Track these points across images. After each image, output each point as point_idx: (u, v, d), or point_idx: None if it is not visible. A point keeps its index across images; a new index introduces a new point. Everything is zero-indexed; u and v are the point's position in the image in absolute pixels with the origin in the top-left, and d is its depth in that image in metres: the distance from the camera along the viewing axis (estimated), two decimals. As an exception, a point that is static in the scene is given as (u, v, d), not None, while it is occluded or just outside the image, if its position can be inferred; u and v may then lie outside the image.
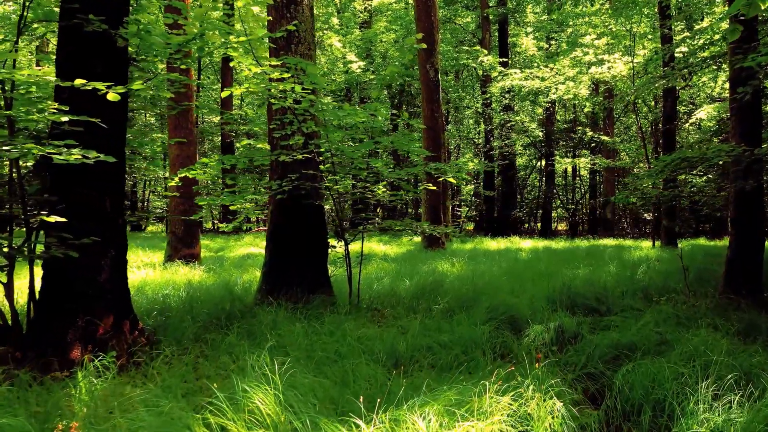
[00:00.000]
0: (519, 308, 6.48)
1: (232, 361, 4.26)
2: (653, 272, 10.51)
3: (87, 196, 4.79)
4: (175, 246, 11.17)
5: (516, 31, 31.47)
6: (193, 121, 11.25)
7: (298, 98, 6.31)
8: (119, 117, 4.93)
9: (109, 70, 4.89)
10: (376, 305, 7.60)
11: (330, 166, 6.85)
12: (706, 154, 6.34)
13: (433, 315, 6.42)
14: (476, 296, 7.14)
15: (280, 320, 5.26)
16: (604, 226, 26.58)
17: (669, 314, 6.09)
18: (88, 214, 4.81)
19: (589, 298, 7.13)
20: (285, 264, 7.03)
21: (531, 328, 5.75)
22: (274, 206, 7.22)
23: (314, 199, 7.08)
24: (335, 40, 24.16)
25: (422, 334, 5.04)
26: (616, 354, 4.54)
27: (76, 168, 4.51)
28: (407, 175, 6.56)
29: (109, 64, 4.90)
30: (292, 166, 7.01)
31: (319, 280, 7.10)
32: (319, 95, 7.54)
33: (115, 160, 3.83)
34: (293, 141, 6.80)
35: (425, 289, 7.81)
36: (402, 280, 9.06)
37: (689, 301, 7.82)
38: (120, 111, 4.91)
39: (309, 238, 7.11)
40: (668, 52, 14.79)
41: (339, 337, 4.63)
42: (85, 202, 4.79)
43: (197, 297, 6.98)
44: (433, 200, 16.07)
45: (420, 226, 6.88)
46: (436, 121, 16.37)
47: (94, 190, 4.84)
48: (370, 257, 13.12)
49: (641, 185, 10.66)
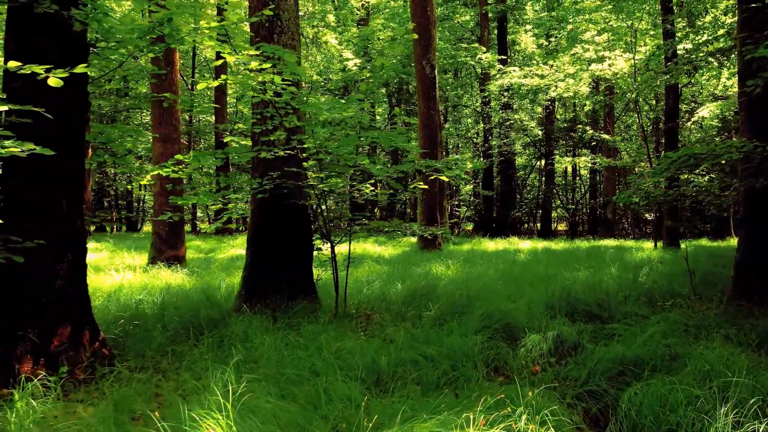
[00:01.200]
0: (515, 315, 6.04)
1: (193, 378, 3.83)
2: (656, 275, 10.10)
3: (38, 195, 4.36)
4: (159, 248, 10.73)
5: (515, 28, 31.04)
6: (179, 118, 10.83)
7: (278, 90, 5.89)
8: (71, 107, 4.49)
9: (66, 57, 4.46)
10: (365, 310, 7.18)
11: (314, 163, 6.42)
12: (715, 150, 5.91)
13: (423, 323, 5.99)
14: (470, 302, 6.71)
15: (254, 330, 4.83)
16: (605, 227, 26.13)
17: (676, 322, 5.66)
18: (39, 213, 4.38)
19: (590, 303, 6.70)
20: (266, 267, 6.60)
21: (528, 337, 5.32)
22: (255, 206, 6.79)
23: (298, 199, 6.65)
24: (331, 37, 23.69)
25: (408, 346, 4.60)
26: (620, 370, 4.11)
27: (25, 164, 4.09)
28: (396, 172, 6.13)
29: (66, 51, 4.47)
30: (274, 163, 6.58)
31: (302, 284, 6.67)
32: (303, 87, 7.12)
33: (53, 153, 3.40)
34: (274, 137, 6.37)
35: (416, 294, 7.38)
36: (393, 283, 8.64)
37: (696, 307, 7.40)
38: (74, 100, 4.48)
39: (292, 239, 6.68)
40: (671, 47, 14.36)
41: (314, 351, 4.20)
42: (37, 200, 4.36)
43: (172, 303, 6.55)
44: (429, 200, 15.63)
45: (409, 227, 6.45)
46: (433, 118, 15.94)
47: (48, 188, 4.41)
48: (363, 259, 12.70)
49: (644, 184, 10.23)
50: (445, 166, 6.23)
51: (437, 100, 16.25)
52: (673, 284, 9.05)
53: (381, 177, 6.22)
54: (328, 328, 5.03)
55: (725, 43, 10.82)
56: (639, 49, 19.56)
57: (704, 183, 14.44)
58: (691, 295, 8.37)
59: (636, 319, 6.15)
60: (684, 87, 19.51)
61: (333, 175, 6.36)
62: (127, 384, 4.02)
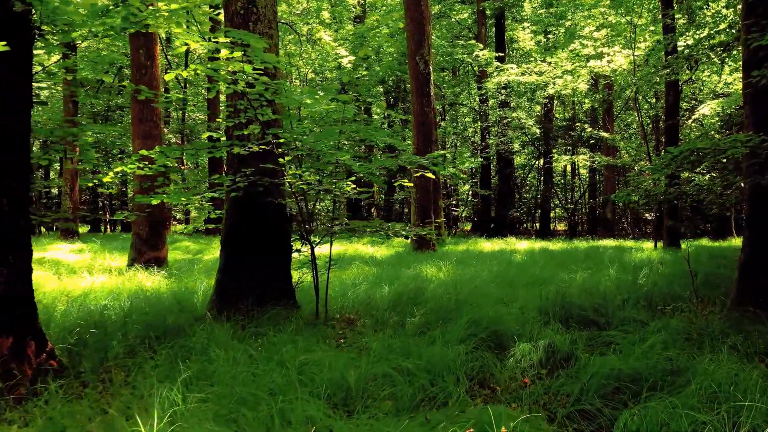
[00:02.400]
0: (505, 321, 5.63)
1: (137, 396, 3.42)
2: (656, 276, 9.70)
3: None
4: (139, 249, 10.31)
5: (513, 26, 30.62)
6: (160, 115, 10.41)
7: (251, 81, 5.48)
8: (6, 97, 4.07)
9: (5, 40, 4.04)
10: (348, 315, 6.78)
11: (292, 158, 6.01)
12: (719, 145, 5.50)
13: (406, 330, 5.59)
14: (458, 307, 6.31)
15: (217, 340, 4.42)
16: (604, 227, 25.70)
17: (677, 330, 5.25)
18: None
19: (586, 308, 6.29)
20: (240, 270, 6.19)
21: (517, 346, 4.91)
22: (229, 205, 6.39)
23: (274, 197, 6.25)
24: (325, 34, 23.29)
25: (384, 358, 4.19)
26: (616, 386, 3.70)
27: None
28: (377, 169, 5.72)
29: (4, 33, 4.05)
30: (249, 159, 6.18)
31: (279, 287, 6.26)
32: (281, 79, 6.71)
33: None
34: (248, 131, 5.97)
35: (403, 298, 6.97)
36: (381, 286, 8.23)
37: (698, 311, 7.00)
38: (10, 90, 4.07)
39: (268, 240, 6.27)
40: (671, 42, 13.94)
41: (275, 365, 3.79)
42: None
43: (140, 308, 6.14)
44: (422, 199, 15.23)
45: (392, 228, 6.04)
46: (427, 115, 15.53)
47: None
48: (353, 260, 12.29)
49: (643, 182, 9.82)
50: (431, 163, 5.82)
51: (432, 97, 15.83)
52: (673, 286, 8.65)
53: (362, 173, 5.80)
54: (298, 337, 4.62)
55: (727, 37, 10.41)
56: (638, 45, 19.14)
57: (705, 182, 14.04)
58: (693, 298, 7.96)
59: (634, 325, 5.74)
60: (684, 83, 19.07)
61: (311, 172, 5.95)
62: (70, 402, 3.61)
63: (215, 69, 5.33)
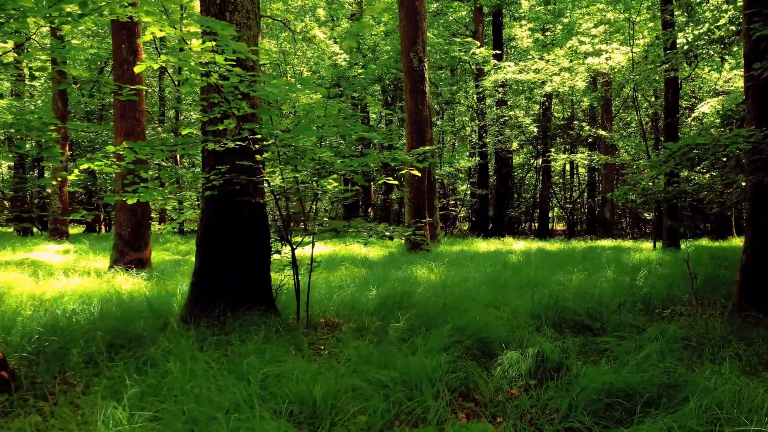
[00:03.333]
0: (494, 327, 5.32)
1: (79, 415, 3.11)
2: (655, 278, 9.39)
3: None
4: (122, 250, 9.98)
5: (511, 24, 30.32)
6: (143, 111, 10.09)
7: (224, 73, 5.17)
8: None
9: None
10: (332, 319, 6.48)
11: (269, 155, 5.70)
12: (721, 141, 5.20)
13: (389, 336, 5.27)
14: (446, 311, 6.00)
15: (181, 349, 4.10)
16: (603, 226, 25.37)
17: (676, 337, 4.94)
18: None
19: (580, 313, 5.98)
20: (215, 273, 5.88)
21: (504, 355, 4.60)
22: (204, 204, 6.07)
23: (252, 196, 5.93)
24: (319, 32, 22.96)
25: (359, 369, 3.88)
26: (608, 402, 3.38)
27: None
28: (359, 166, 5.41)
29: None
30: (225, 156, 5.87)
31: (256, 291, 5.94)
32: (259, 71, 6.40)
33: None
34: (223, 126, 5.66)
35: (389, 302, 6.66)
36: (369, 288, 7.92)
37: (698, 315, 6.69)
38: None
39: (246, 241, 5.96)
40: (670, 37, 13.63)
41: (236, 378, 3.47)
42: None
43: (111, 313, 5.83)
44: (417, 198, 14.91)
45: (373, 228, 5.73)
46: (421, 113, 15.20)
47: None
48: (343, 261, 11.97)
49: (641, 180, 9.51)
50: (417, 159, 5.50)
51: (427, 95, 15.51)
52: (672, 288, 8.35)
53: (342, 170, 5.49)
54: (268, 345, 4.30)
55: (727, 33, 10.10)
56: (637, 42, 18.82)
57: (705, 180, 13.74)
58: (693, 301, 7.66)
59: (630, 331, 5.43)
60: (684, 81, 18.77)
61: (290, 169, 5.63)
62: (11, 419, 3.30)
63: (185, 60, 5.02)
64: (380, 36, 28.71)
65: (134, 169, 5.60)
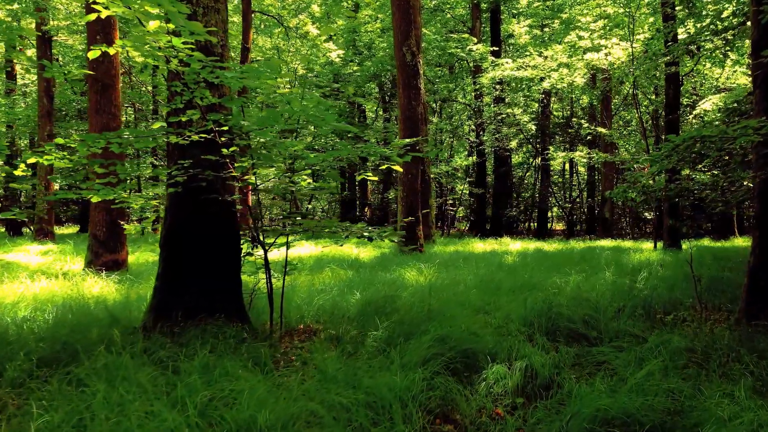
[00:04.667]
0: (480, 337, 4.87)
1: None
2: (656, 280, 8.94)
3: None
4: (96, 251, 9.51)
5: (509, 20, 29.84)
6: (119, 106, 9.63)
7: (184, 58, 4.72)
8: None
9: None
10: (311, 325, 6.03)
11: (237, 149, 5.24)
12: (728, 133, 4.74)
13: (366, 346, 4.82)
14: (430, 318, 5.54)
15: (120, 365, 3.64)
16: (603, 226, 24.89)
17: (680, 347, 4.48)
18: None
19: (575, 320, 5.51)
20: (180, 276, 5.42)
21: (490, 369, 4.14)
22: (168, 202, 5.62)
23: (220, 193, 5.47)
24: (312, 28, 22.47)
25: (323, 389, 3.42)
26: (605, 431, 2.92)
27: None
28: (335, 160, 4.96)
29: None
30: (190, 150, 5.41)
31: (224, 297, 5.48)
32: (229, 59, 5.94)
33: None
34: (185, 117, 5.20)
35: (370, 307, 6.20)
36: (353, 292, 7.47)
37: (703, 322, 6.24)
38: None
39: (212, 242, 5.50)
40: (671, 30, 13.17)
41: (171, 403, 3.01)
42: None
43: (67, 321, 5.37)
44: (410, 198, 14.44)
45: (350, 228, 5.27)
46: (415, 110, 14.72)
47: None
48: (333, 262, 11.51)
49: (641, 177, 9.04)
50: (396, 153, 5.04)
51: (421, 91, 15.04)
52: (674, 291, 7.90)
53: (315, 164, 5.03)
54: (224, 359, 3.84)
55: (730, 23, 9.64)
56: (637, 37, 18.35)
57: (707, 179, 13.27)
58: (696, 305, 7.21)
59: (630, 340, 4.97)
60: (685, 76, 18.30)
61: (261, 164, 5.18)
62: None
63: (139, 43, 4.56)
64: (376, 33, 28.24)
65: (87, 164, 5.14)
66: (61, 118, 28.19)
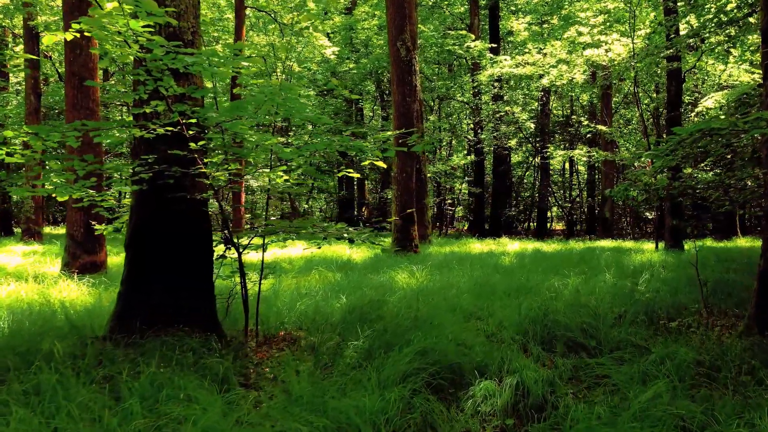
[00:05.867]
0: (469, 347, 4.47)
1: None
2: (658, 282, 8.56)
3: None
4: (74, 252, 9.11)
5: (508, 17, 29.41)
6: (98, 101, 9.23)
7: (144, 43, 4.32)
8: None
9: None
10: (293, 332, 5.64)
11: (206, 143, 4.84)
12: (738, 125, 4.34)
13: (344, 357, 4.41)
14: (417, 325, 5.14)
15: (68, 380, 3.23)
16: (603, 226, 24.46)
17: (687, 361, 4.07)
18: None
19: (573, 328, 5.11)
20: (146, 280, 5.01)
21: (477, 385, 3.74)
22: (134, 200, 5.21)
23: (189, 191, 5.06)
24: (306, 23, 22.03)
25: (286, 412, 3.01)
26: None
27: None
28: (311, 155, 4.54)
29: None
30: (157, 144, 5.01)
31: (193, 302, 5.07)
32: (201, 46, 5.53)
33: None
34: (149, 108, 4.80)
35: (354, 314, 5.80)
36: (339, 297, 7.07)
37: (710, 329, 5.84)
38: None
39: (181, 243, 5.09)
40: (674, 24, 12.76)
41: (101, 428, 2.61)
42: None
43: (25, 330, 4.97)
44: (404, 197, 14.03)
45: (326, 228, 4.86)
46: (409, 107, 14.30)
47: None
48: (319, 264, 11.09)
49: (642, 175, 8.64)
50: (377, 147, 4.63)
51: (416, 88, 14.62)
52: (678, 295, 7.51)
53: (288, 159, 4.63)
54: (178, 376, 3.43)
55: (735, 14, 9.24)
56: (638, 33, 17.93)
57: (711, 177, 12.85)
58: (702, 310, 6.82)
59: (632, 351, 4.57)
60: (687, 73, 17.87)
61: (231, 159, 4.77)
62: None
63: (94, 25, 4.16)
64: (373, 30, 27.84)
65: (41, 160, 4.73)
66: (54, 116, 27.79)
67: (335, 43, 26.40)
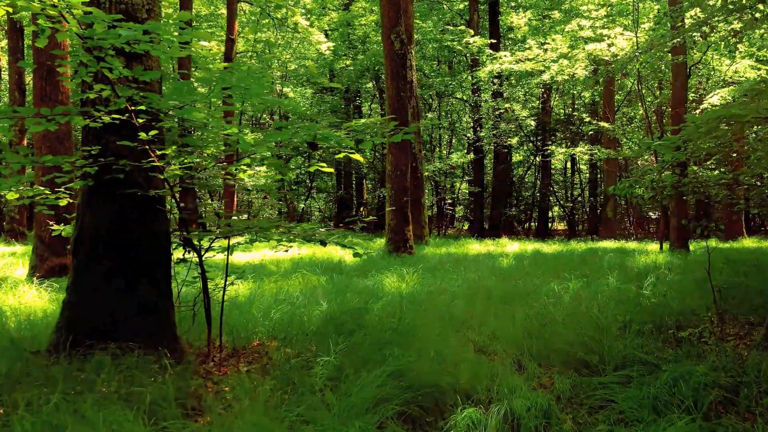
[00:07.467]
0: (454, 365, 3.91)
1: None
2: (665, 286, 8.01)
3: None
4: (41, 254, 8.56)
5: (508, 12, 28.84)
6: (68, 94, 8.70)
7: (79, 17, 3.78)
8: None
9: None
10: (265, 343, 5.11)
11: (157, 133, 4.29)
12: (760, 113, 3.79)
13: (311, 375, 3.86)
14: (398, 337, 4.59)
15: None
16: (605, 226, 23.85)
17: (705, 381, 3.52)
18: None
19: (573, 342, 4.55)
20: (93, 287, 4.46)
21: (459, 414, 3.18)
22: (81, 197, 4.66)
23: (142, 187, 4.51)
24: (302, 19, 21.51)
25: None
26: None
27: None
28: (277, 148, 4.00)
29: None
30: (106, 135, 4.47)
31: (146, 311, 4.52)
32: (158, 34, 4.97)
33: None
34: (93, 94, 4.25)
35: (334, 322, 5.26)
36: (320, 303, 6.52)
37: (723, 339, 5.29)
38: None
39: (133, 245, 4.54)
40: (679, 14, 12.20)
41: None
42: None
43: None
44: (398, 196, 13.46)
45: (293, 229, 4.32)
46: (404, 102, 13.74)
47: None
48: (306, 266, 10.54)
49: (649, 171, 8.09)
50: (351, 139, 4.06)
51: (412, 82, 14.06)
52: (687, 301, 6.94)
53: (252, 152, 4.08)
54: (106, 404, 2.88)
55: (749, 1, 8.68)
56: (642, 26, 17.36)
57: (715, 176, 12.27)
58: (714, 318, 6.27)
59: (640, 369, 4.00)
60: (692, 67, 17.30)
61: (186, 151, 4.22)
62: None
63: None
64: (371, 26, 27.30)
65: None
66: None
67: (333, 40, 25.86)
